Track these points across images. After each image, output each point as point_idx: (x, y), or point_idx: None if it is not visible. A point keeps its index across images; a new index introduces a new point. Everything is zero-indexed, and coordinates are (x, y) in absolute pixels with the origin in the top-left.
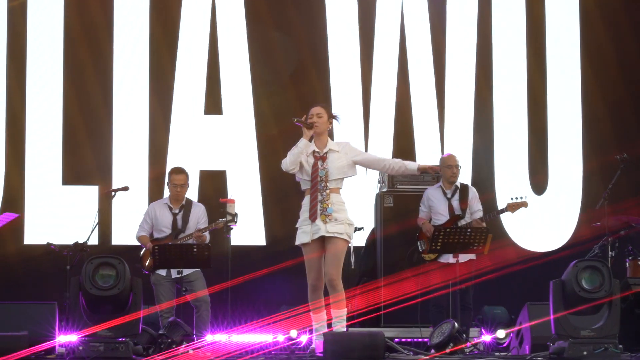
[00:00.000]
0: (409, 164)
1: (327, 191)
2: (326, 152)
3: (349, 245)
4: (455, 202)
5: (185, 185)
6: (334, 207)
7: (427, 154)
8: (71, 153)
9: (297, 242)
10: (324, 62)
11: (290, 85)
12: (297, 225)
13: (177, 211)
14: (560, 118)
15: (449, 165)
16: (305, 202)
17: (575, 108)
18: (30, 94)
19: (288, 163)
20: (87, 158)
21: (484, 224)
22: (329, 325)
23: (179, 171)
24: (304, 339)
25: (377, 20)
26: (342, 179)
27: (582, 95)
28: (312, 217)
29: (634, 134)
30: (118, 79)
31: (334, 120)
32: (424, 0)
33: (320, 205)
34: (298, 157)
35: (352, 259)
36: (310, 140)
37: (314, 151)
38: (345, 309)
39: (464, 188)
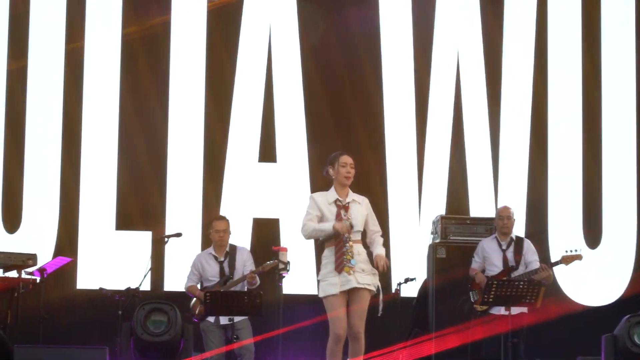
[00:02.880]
0: (373, 252)
1: (350, 242)
2: (349, 202)
3: (378, 294)
4: (510, 254)
5: (227, 230)
6: (358, 257)
7: (480, 207)
8: (125, 199)
9: (323, 294)
10: (379, 110)
11: (346, 133)
12: (319, 278)
13: (222, 259)
14: (615, 172)
15: (500, 216)
16: (329, 253)
17: (631, 162)
18: (85, 139)
19: (310, 236)
20: (141, 204)
21: (552, 271)
22: None
23: (220, 218)
24: None
25: (433, 70)
26: (361, 231)
27: (638, 149)
28: (339, 269)
29: None
30: (173, 124)
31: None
32: (479, 54)
33: (344, 257)
34: (320, 236)
35: (380, 307)
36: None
37: (336, 200)
38: None
39: (519, 240)
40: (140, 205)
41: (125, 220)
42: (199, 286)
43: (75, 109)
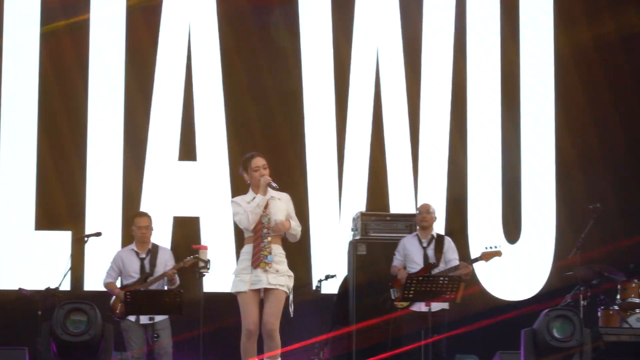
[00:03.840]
0: None
1: (269, 238)
2: (268, 200)
3: (289, 295)
4: (431, 252)
5: (149, 227)
6: (276, 258)
7: (400, 204)
8: (44, 198)
9: (233, 289)
10: (299, 109)
11: (265, 133)
12: (233, 273)
13: (144, 256)
14: (534, 168)
15: (420, 211)
16: (247, 250)
17: (549, 158)
18: (3, 139)
19: (251, 221)
20: (60, 203)
21: (471, 267)
22: None
23: (141, 214)
24: None
25: (353, 67)
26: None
27: (556, 145)
28: (255, 264)
29: (607, 183)
30: (92, 123)
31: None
32: (399, 51)
33: (261, 252)
34: (259, 215)
35: (291, 309)
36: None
37: (254, 198)
38: (280, 358)
39: (440, 238)
40: (60, 204)
41: (45, 220)
42: (118, 283)
43: None
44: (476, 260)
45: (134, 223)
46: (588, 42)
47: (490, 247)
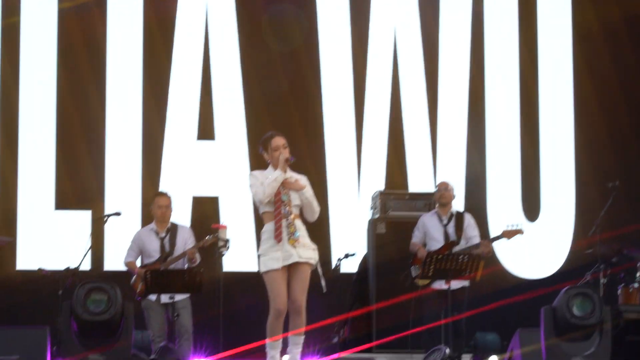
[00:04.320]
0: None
1: (292, 215)
2: (286, 178)
3: (318, 269)
4: (451, 229)
5: (169, 206)
6: (300, 232)
7: (419, 182)
8: (64, 178)
9: (264, 268)
10: (317, 88)
11: (283, 111)
12: (259, 253)
13: (163, 235)
14: (554, 144)
15: (438, 188)
16: (269, 228)
17: (569, 134)
18: (23, 118)
19: (266, 195)
20: (80, 183)
21: (492, 245)
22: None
23: (162, 194)
24: None
25: (370, 48)
26: (300, 206)
27: (575, 122)
28: (278, 239)
29: (631, 160)
30: (111, 103)
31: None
32: (416, 21)
33: (286, 230)
34: (276, 189)
35: (324, 283)
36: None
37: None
38: (304, 336)
39: (459, 216)
40: (79, 184)
41: (65, 199)
42: (138, 262)
43: (12, 87)
44: (497, 238)
45: (154, 202)
46: None
47: (512, 226)
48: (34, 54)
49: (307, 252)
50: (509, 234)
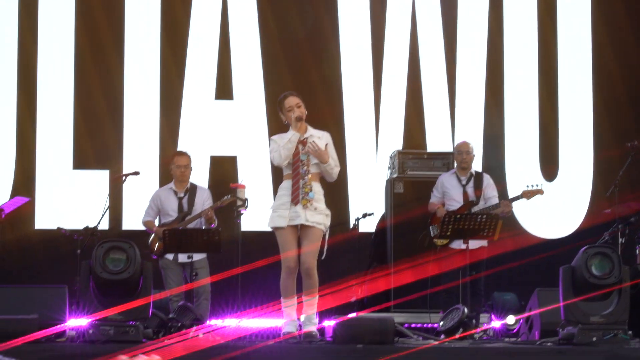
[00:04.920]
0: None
1: (309, 176)
2: (306, 138)
3: (325, 235)
4: (470, 189)
5: (188, 166)
6: (315, 195)
7: (437, 143)
8: (82, 137)
9: (271, 224)
10: (335, 47)
11: (302, 71)
12: (271, 208)
13: (182, 195)
14: (573, 103)
15: (459, 151)
16: (286, 186)
17: (587, 93)
18: (40, 78)
19: (282, 158)
20: (97, 143)
21: (511, 205)
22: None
23: (182, 153)
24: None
25: (389, 7)
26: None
27: (594, 81)
28: (295, 201)
29: None
30: (129, 62)
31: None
32: None
33: (302, 189)
34: (292, 150)
35: (324, 250)
36: (298, 131)
37: (293, 136)
38: (317, 295)
39: (478, 176)
40: (97, 143)
41: (83, 159)
42: (156, 222)
43: (31, 47)
44: (517, 198)
45: (173, 162)
46: None
47: (532, 186)
48: (53, 13)
49: (316, 217)
50: (528, 194)
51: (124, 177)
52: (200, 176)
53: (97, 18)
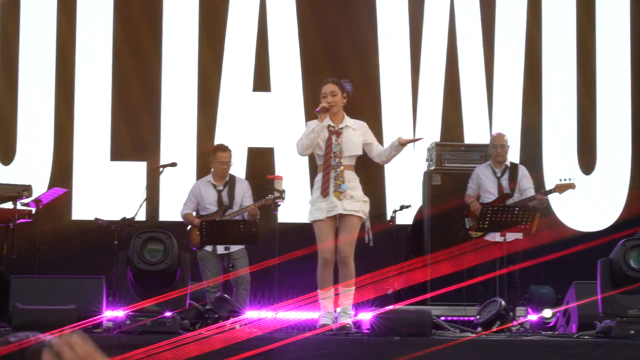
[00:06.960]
0: (392, 143)
1: (341, 167)
2: (342, 128)
3: (366, 222)
4: (505, 181)
5: (230, 162)
6: (349, 184)
7: (475, 135)
8: (120, 129)
9: (310, 218)
10: (373, 39)
11: (339, 63)
12: (309, 202)
13: (221, 188)
14: (610, 96)
15: (494, 145)
16: (318, 178)
17: (625, 86)
18: (79, 70)
19: (303, 147)
20: (135, 134)
21: (546, 198)
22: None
23: (225, 148)
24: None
25: (427, 4)
26: (355, 156)
27: (633, 72)
28: (324, 193)
29: None
30: (167, 54)
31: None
32: None
33: (333, 182)
34: (314, 141)
35: (370, 236)
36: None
37: (329, 125)
38: (354, 287)
39: (513, 167)
40: (135, 135)
41: (120, 150)
42: (195, 214)
43: (69, 39)
44: (549, 192)
45: (215, 157)
46: None
47: (564, 179)
48: (91, 5)
49: (353, 205)
50: (561, 188)
51: (161, 169)
52: (237, 168)
53: (135, 9)
